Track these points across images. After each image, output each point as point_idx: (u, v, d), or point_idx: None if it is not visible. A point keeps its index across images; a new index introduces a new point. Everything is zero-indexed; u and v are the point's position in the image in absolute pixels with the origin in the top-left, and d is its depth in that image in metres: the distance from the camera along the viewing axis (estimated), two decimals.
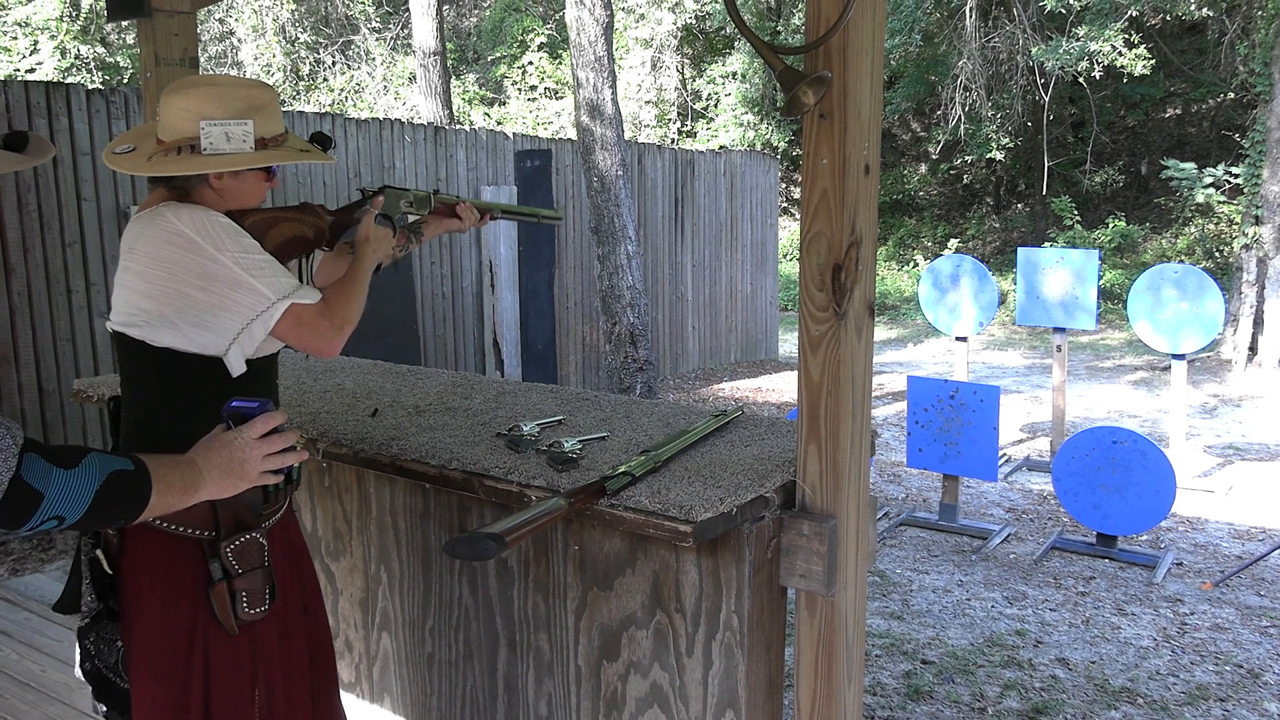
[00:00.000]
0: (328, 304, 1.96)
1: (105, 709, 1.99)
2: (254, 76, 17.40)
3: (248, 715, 1.94)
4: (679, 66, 20.32)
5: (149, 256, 1.83)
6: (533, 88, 19.43)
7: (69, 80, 14.39)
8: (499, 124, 18.77)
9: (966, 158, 18.22)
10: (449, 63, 14.42)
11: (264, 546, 1.94)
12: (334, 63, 18.93)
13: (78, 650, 1.97)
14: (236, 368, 1.88)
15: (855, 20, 1.87)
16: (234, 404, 1.75)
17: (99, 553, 1.90)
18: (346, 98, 18.50)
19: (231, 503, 1.89)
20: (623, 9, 18.80)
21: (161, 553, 1.88)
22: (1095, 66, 14.81)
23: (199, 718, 1.89)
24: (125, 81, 15.99)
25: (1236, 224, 13.97)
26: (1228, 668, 4.10)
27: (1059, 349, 7.34)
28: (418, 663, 2.76)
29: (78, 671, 1.98)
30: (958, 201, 20.28)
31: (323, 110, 16.62)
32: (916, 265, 18.37)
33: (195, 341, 1.85)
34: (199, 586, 1.88)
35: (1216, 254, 15.63)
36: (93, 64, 15.93)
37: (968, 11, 16.01)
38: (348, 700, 2.88)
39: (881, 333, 14.78)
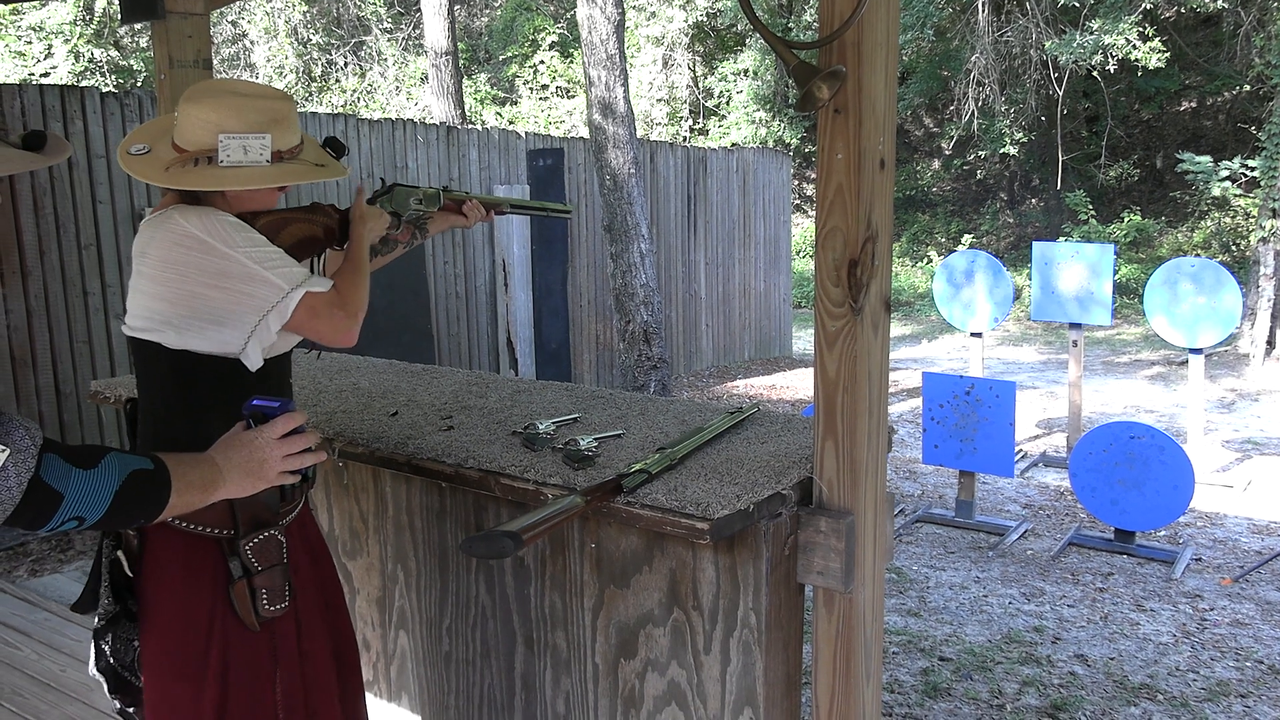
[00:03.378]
0: (339, 292, 1.96)
1: (119, 705, 2.00)
2: (266, 78, 17.47)
3: (269, 714, 1.94)
4: (690, 64, 20.30)
5: (161, 260, 1.84)
6: (544, 87, 19.44)
7: (83, 84, 14.47)
8: (511, 123, 18.79)
9: (980, 153, 18.15)
10: (460, 63, 14.44)
11: (282, 543, 1.95)
12: (346, 64, 18.97)
13: (92, 649, 1.98)
14: (254, 362, 1.89)
15: (869, 15, 1.86)
16: (255, 403, 1.74)
17: (120, 554, 1.91)
18: (359, 98, 18.55)
19: (249, 501, 1.90)
20: (634, 7, 18.79)
21: (180, 552, 1.89)
22: (1109, 60, 14.73)
23: (215, 716, 1.89)
24: (139, 84, 16.07)
25: (1253, 217, 13.88)
26: (1248, 663, 4.08)
27: (1075, 344, 7.31)
28: (435, 661, 2.76)
29: (92, 670, 2.00)
30: (971, 197, 20.20)
31: (335, 111, 16.66)
32: (930, 261, 18.31)
33: (212, 340, 1.85)
34: (218, 585, 1.89)
35: (1233, 247, 15.53)
36: (106, 67, 16.01)
37: (980, 6, 15.95)
38: (366, 699, 2.89)
39: (896, 329, 14.74)
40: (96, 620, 1.95)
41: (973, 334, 7.90)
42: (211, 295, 1.83)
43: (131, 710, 2.01)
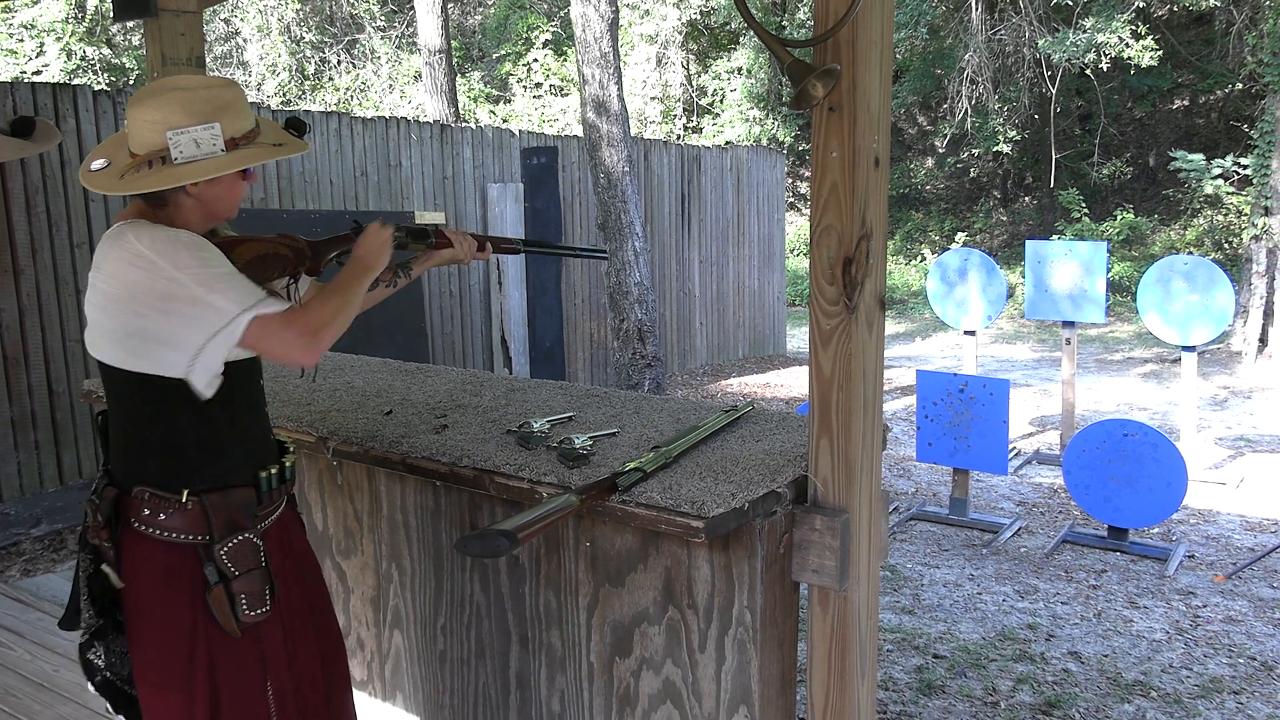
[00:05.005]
0: (305, 309, 1.87)
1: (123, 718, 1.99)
2: (260, 76, 17.43)
3: (263, 714, 1.94)
4: (684, 62, 20.30)
5: (111, 276, 1.80)
6: (538, 85, 19.42)
7: (75, 82, 14.43)
8: (505, 121, 18.77)
9: (973, 151, 18.18)
10: (454, 61, 14.42)
11: (259, 547, 1.93)
12: (339, 62, 18.94)
13: (81, 665, 1.96)
14: (201, 389, 1.85)
15: (864, 13, 1.86)
16: None
17: (106, 567, 1.89)
18: (352, 96, 18.51)
19: (224, 505, 1.89)
20: (627, 5, 18.78)
21: (157, 561, 1.88)
22: (1102, 58, 14.76)
23: (207, 714, 1.88)
24: (131, 83, 16.01)
25: (1245, 215, 13.92)
26: (1241, 660, 4.09)
27: (1068, 342, 7.32)
28: (430, 660, 2.76)
29: (90, 688, 1.98)
30: (965, 195, 20.23)
31: (328, 109, 16.62)
32: (923, 259, 18.33)
33: (156, 361, 1.81)
34: (197, 591, 1.88)
35: (1225, 245, 15.57)
36: (98, 65, 15.95)
37: (974, 4, 15.97)
38: (361, 698, 2.89)
39: (889, 327, 14.75)
40: (80, 635, 1.93)
41: (966, 332, 7.91)
42: (155, 318, 1.78)
43: None
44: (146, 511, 1.87)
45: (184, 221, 1.87)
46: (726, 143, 16.66)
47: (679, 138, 19.79)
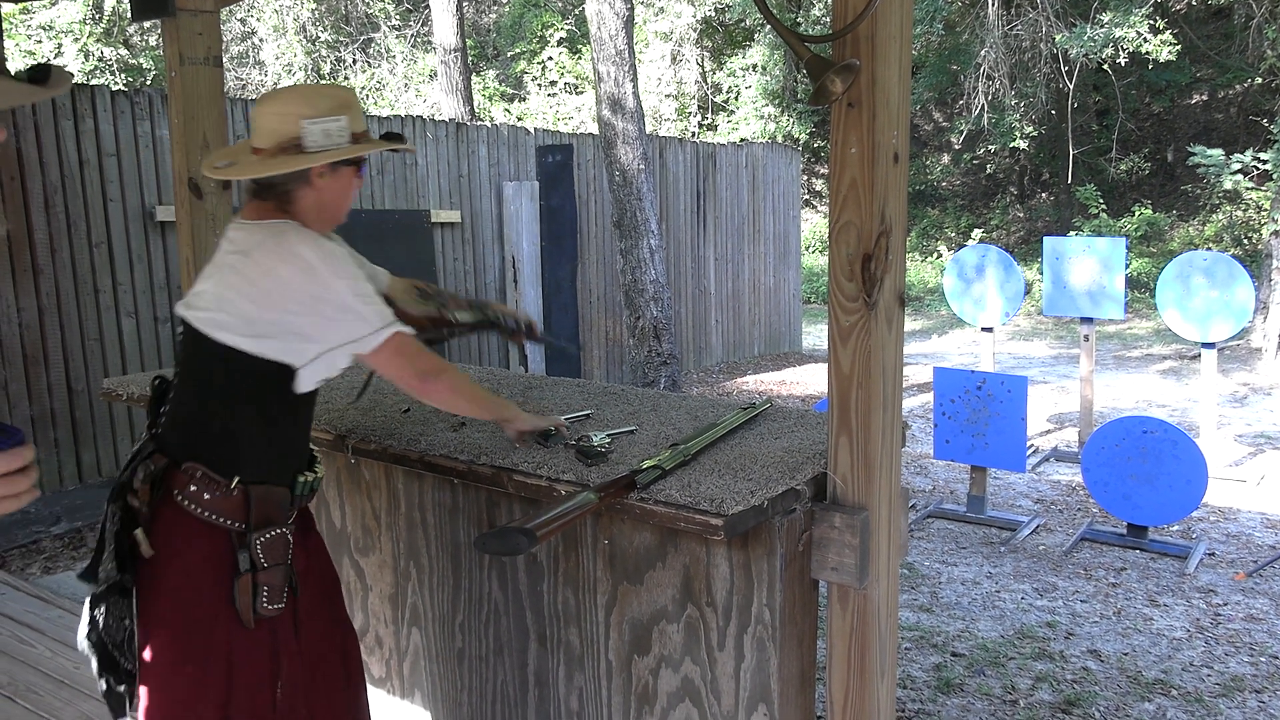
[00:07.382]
0: (430, 356, 2.10)
1: (106, 684, 1.99)
2: (275, 76, 17.49)
3: (266, 709, 1.95)
4: (699, 59, 20.27)
5: (264, 268, 1.90)
6: (553, 83, 19.43)
7: (93, 82, 14.50)
8: (520, 120, 18.78)
9: (990, 147, 18.09)
10: (469, 59, 14.43)
11: (290, 543, 1.97)
12: (355, 61, 18.99)
13: (85, 618, 1.97)
14: (306, 384, 1.97)
15: (883, 7, 1.85)
16: None
17: (139, 533, 1.92)
18: (368, 95, 18.56)
19: (266, 498, 1.95)
20: (642, 2, 18.76)
21: (194, 538, 1.91)
22: (1120, 53, 14.67)
23: (220, 695, 1.90)
24: (149, 82, 16.10)
25: (1265, 210, 13.80)
26: (1263, 659, 4.06)
27: (1086, 339, 7.28)
28: (448, 658, 2.76)
29: (82, 642, 1.98)
30: (981, 191, 20.14)
31: None
32: (940, 256, 18.26)
33: (285, 348, 1.92)
34: (224, 575, 1.91)
35: (1245, 241, 15.46)
36: (116, 66, 16.04)
37: None
38: (379, 695, 2.90)
39: (906, 324, 14.65)
40: (96, 586, 1.95)
41: (984, 329, 7.87)
42: (300, 313, 1.90)
43: (122, 689, 1.99)
44: (194, 488, 1.91)
45: (303, 223, 2.01)
46: (741, 140, 16.62)
47: (694, 135, 19.77)
